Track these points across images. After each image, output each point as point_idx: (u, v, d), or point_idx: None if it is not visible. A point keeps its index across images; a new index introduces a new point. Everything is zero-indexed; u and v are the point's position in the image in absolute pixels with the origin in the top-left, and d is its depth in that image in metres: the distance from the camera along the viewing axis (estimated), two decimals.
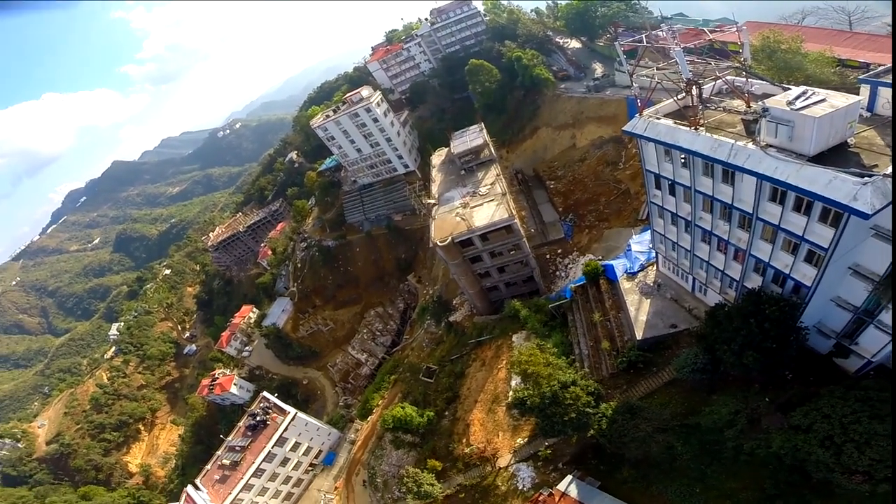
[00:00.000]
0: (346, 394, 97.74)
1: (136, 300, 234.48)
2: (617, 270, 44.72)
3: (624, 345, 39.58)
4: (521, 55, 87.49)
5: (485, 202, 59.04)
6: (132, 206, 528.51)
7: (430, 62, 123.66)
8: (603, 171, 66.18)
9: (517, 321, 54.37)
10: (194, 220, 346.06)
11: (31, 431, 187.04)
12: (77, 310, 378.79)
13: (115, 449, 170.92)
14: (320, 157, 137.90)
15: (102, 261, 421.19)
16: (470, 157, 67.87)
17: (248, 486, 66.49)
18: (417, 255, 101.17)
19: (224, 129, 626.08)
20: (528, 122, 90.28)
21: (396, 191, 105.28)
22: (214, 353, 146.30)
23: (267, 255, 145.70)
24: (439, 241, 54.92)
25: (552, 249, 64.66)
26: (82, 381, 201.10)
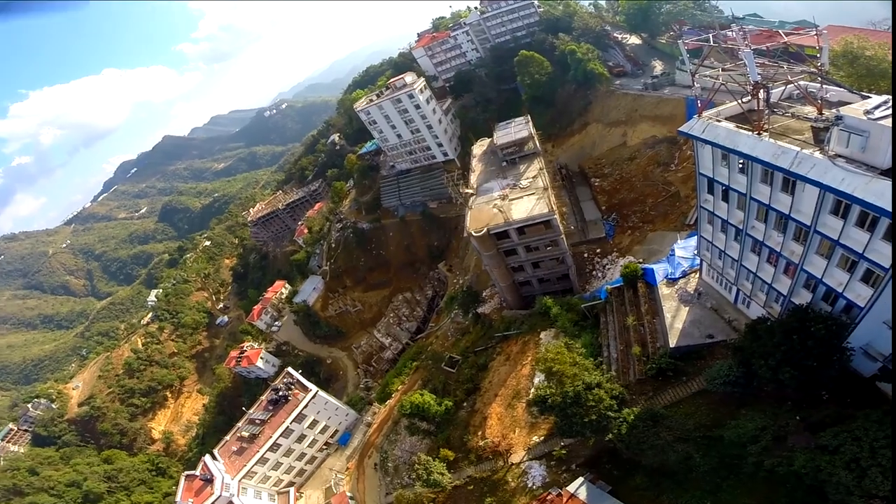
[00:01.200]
0: (367, 376, 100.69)
1: (176, 269, 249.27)
2: (657, 275, 44.11)
3: (655, 351, 39.36)
4: (575, 49, 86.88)
5: (525, 195, 59.22)
6: (179, 179, 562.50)
7: (477, 51, 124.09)
8: (653, 172, 64.87)
9: (547, 318, 54.51)
10: (236, 195, 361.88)
11: (66, 393, 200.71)
12: (120, 274, 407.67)
13: (141, 414, 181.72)
14: (361, 140, 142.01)
15: (147, 229, 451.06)
16: (513, 149, 68.06)
17: (264, 460, 69.48)
18: (450, 244, 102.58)
19: (271, 109, 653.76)
20: (578, 117, 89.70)
21: (434, 178, 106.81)
22: (245, 325, 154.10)
23: (303, 233, 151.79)
24: (474, 232, 55.71)
25: (591, 248, 64.14)
26: (118, 345, 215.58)
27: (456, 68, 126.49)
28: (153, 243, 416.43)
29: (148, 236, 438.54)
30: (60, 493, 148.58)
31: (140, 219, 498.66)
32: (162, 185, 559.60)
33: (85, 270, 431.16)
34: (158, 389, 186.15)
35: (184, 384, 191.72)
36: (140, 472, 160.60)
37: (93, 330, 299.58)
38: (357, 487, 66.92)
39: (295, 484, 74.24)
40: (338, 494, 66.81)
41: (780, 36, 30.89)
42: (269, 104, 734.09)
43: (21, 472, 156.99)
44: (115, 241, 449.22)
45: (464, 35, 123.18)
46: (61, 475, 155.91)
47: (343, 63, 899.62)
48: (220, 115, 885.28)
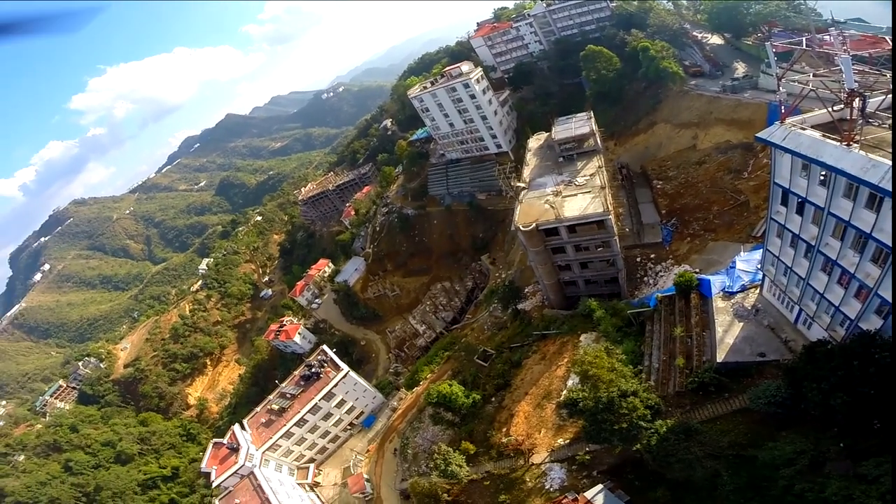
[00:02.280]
0: (397, 361, 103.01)
1: (228, 240, 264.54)
2: (713, 287, 42.99)
3: (700, 365, 38.65)
4: (648, 46, 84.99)
5: (579, 193, 58.37)
6: (237, 155, 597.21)
7: (540, 43, 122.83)
8: (722, 178, 61.98)
9: (590, 321, 53.95)
10: (290, 174, 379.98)
11: (114, 353, 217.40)
12: (176, 242, 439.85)
13: (180, 380, 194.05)
14: (413, 127, 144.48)
15: (204, 202, 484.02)
16: (572, 145, 67.21)
17: (289, 434, 72.62)
18: (496, 237, 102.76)
19: (328, 92, 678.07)
20: (645, 116, 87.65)
21: (484, 169, 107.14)
22: (287, 300, 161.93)
23: (350, 214, 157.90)
24: (522, 226, 55.66)
25: (645, 253, 62.33)
26: (168, 309, 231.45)
27: (516, 60, 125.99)
28: (209, 215, 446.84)
29: (204, 208, 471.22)
30: (95, 452, 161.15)
31: (198, 191, 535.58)
32: (221, 161, 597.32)
33: (144, 236, 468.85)
34: (199, 356, 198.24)
35: (223, 353, 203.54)
36: (172, 436, 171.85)
37: (146, 293, 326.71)
38: (374, 470, 69.03)
39: (315, 461, 77.22)
40: (355, 475, 69.24)
41: (885, 42, 29.21)
42: (327, 87, 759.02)
43: (63, 429, 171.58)
44: (174, 211, 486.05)
45: (527, 27, 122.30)
46: (99, 434, 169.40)
47: (400, 49, 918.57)
48: (279, 96, 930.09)
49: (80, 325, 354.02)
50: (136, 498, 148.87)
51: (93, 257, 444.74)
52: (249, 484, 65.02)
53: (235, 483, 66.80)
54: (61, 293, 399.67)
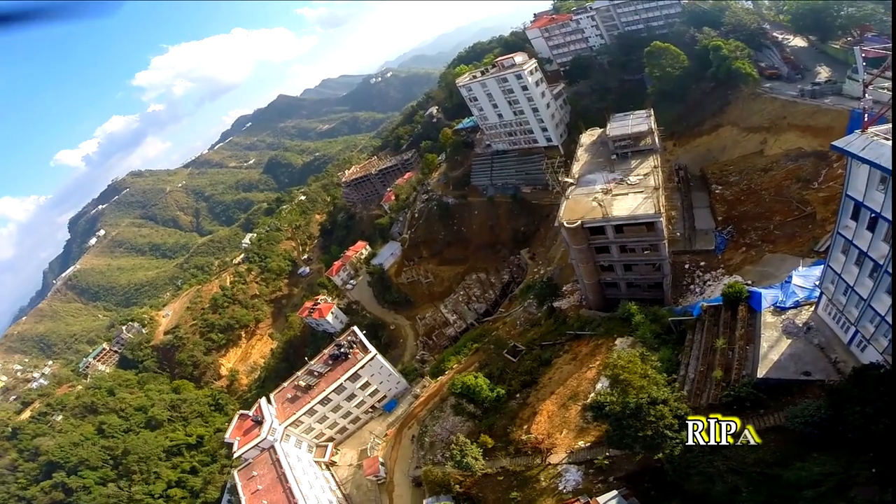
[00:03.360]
0: (425, 349, 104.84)
1: (271, 217, 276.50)
2: (764, 300, 41.52)
3: (738, 379, 37.70)
4: (720, 45, 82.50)
5: (631, 193, 57.21)
6: (286, 136, 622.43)
7: (601, 38, 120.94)
8: (789, 187, 58.96)
9: (627, 325, 53.12)
10: (335, 156, 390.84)
11: (156, 319, 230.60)
12: (223, 216, 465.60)
13: (215, 350, 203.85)
14: (459, 115, 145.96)
15: (252, 179, 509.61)
16: (627, 143, 65.86)
17: (312, 411, 75.33)
18: (538, 232, 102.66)
19: (376, 77, 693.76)
20: (710, 118, 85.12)
21: (532, 163, 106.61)
22: (323, 279, 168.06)
23: (390, 199, 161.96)
24: (567, 222, 55.27)
25: (694, 260, 60.35)
26: (210, 280, 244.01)
27: (574, 53, 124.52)
28: (255, 192, 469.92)
29: (252, 185, 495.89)
30: (128, 416, 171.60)
31: (247, 169, 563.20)
32: (271, 140, 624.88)
33: (193, 209, 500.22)
34: (235, 328, 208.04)
35: (258, 326, 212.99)
36: (201, 405, 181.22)
37: (191, 263, 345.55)
38: (390, 455, 70.80)
39: (334, 440, 79.83)
40: (371, 458, 71.19)
41: None
42: (376, 72, 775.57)
43: (101, 392, 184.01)
44: (223, 187, 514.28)
45: (588, 20, 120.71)
46: (133, 398, 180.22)
47: (450, 37, 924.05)
48: (330, 79, 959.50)
49: (127, 289, 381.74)
50: (160, 464, 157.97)
51: (144, 226, 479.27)
52: (269, 458, 67.93)
53: (255, 455, 70.05)
54: (113, 258, 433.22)
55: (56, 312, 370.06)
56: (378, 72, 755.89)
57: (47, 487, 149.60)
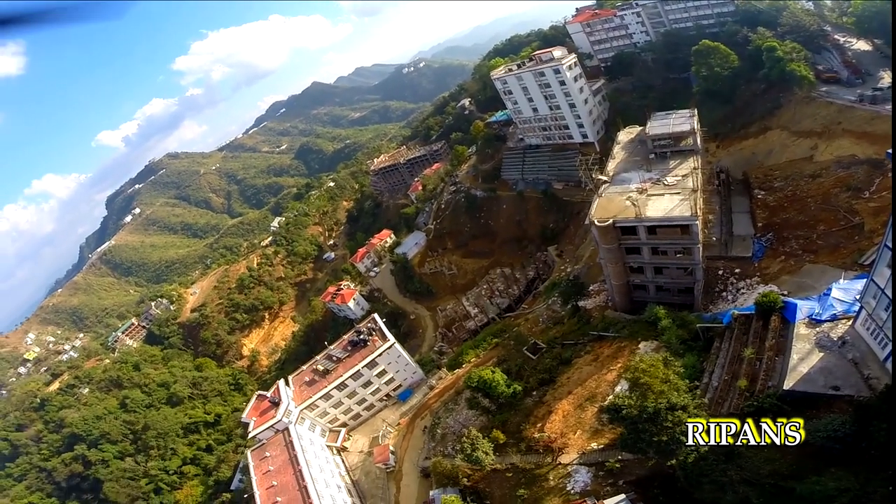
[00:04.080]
0: (443, 341, 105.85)
1: (300, 202, 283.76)
2: (799, 312, 40.54)
3: (763, 389, 37.20)
4: (775, 46, 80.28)
5: (667, 194, 56.16)
6: (318, 123, 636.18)
7: (647, 34, 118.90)
8: (837, 196, 56.70)
9: (653, 329, 52.55)
10: (365, 144, 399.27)
11: (184, 297, 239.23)
12: (253, 199, 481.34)
13: (239, 330, 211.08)
14: (492, 108, 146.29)
15: (283, 164, 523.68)
16: (666, 142, 64.60)
17: (328, 396, 76.94)
18: (567, 229, 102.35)
19: (409, 67, 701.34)
20: (758, 120, 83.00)
21: (565, 158, 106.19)
22: (347, 265, 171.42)
23: (417, 189, 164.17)
24: (598, 221, 54.75)
25: (729, 266, 58.78)
26: (237, 260, 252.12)
27: (616, 49, 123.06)
28: (286, 177, 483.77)
29: (283, 170, 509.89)
30: (150, 392, 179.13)
31: (279, 154, 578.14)
32: (303, 127, 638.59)
33: (225, 191, 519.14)
34: (259, 309, 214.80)
35: (281, 308, 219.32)
36: (221, 383, 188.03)
37: (220, 243, 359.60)
38: (401, 444, 71.94)
39: (347, 426, 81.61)
40: (382, 445, 72.48)
41: None
42: (408, 61, 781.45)
43: (127, 367, 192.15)
44: (255, 171, 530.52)
45: (633, 16, 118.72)
46: (157, 374, 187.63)
47: (486, 29, 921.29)
48: (363, 67, 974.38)
49: (158, 266, 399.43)
50: (178, 440, 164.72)
51: (178, 206, 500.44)
52: (282, 439, 69.74)
53: (270, 437, 72.04)
54: (146, 235, 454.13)
55: (90, 286, 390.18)
56: (411, 61, 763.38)
57: (68, 459, 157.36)
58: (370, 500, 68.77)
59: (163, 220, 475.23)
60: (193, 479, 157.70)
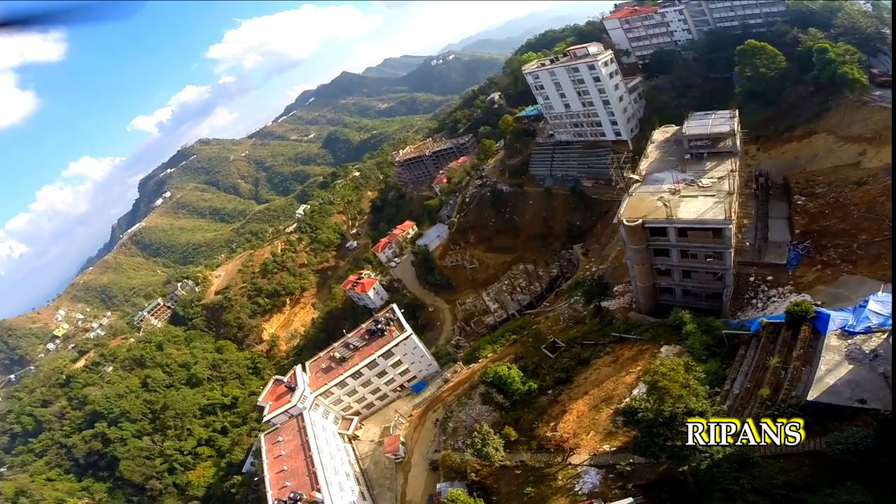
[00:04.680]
0: (461, 334, 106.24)
1: (325, 191, 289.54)
2: (832, 323, 39.29)
3: (786, 399, 36.56)
4: (827, 47, 77.88)
5: (701, 195, 55.04)
6: (346, 112, 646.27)
7: (689, 32, 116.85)
8: (883, 205, 54.47)
9: (676, 333, 51.84)
10: (391, 135, 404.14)
11: (209, 279, 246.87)
12: (280, 186, 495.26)
13: (260, 314, 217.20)
14: (522, 103, 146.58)
15: (310, 152, 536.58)
16: (704, 143, 63.32)
17: (343, 384, 78.35)
18: (594, 227, 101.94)
19: (437, 59, 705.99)
20: (804, 123, 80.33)
21: (597, 156, 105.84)
22: (369, 254, 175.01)
23: (442, 182, 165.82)
24: (627, 220, 54.17)
25: (761, 273, 57.26)
26: (262, 245, 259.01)
27: (656, 46, 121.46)
28: (312, 165, 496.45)
29: (310, 158, 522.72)
30: (171, 372, 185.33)
31: (307, 142, 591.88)
32: (331, 116, 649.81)
33: (253, 178, 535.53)
34: (281, 294, 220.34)
35: (303, 295, 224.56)
36: (240, 366, 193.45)
37: (246, 228, 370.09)
38: (412, 435, 73.00)
39: (360, 415, 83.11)
40: (392, 436, 73.63)
41: None
42: (437, 53, 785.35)
43: (150, 346, 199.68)
44: (283, 158, 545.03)
45: (675, 13, 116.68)
46: (179, 354, 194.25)
47: (520, 23, 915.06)
48: (391, 58, 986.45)
49: (185, 248, 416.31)
50: (195, 421, 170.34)
51: (207, 191, 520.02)
52: (296, 424, 71.49)
53: (284, 421, 74.04)
54: (175, 218, 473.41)
55: (119, 265, 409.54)
56: (440, 54, 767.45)
57: (88, 437, 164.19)
58: (377, 489, 69.93)
59: (192, 203, 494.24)
60: (207, 461, 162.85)
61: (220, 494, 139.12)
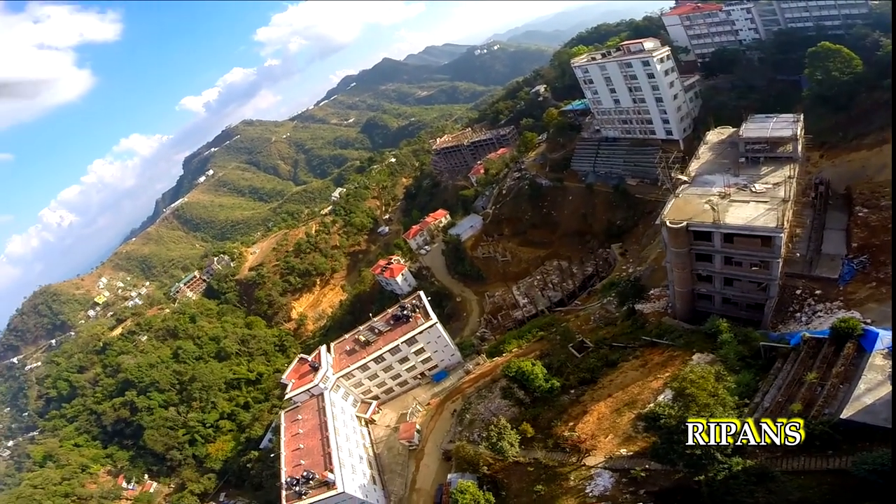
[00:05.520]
0: (487, 327, 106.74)
1: (362, 175, 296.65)
2: (880, 342, 38.12)
3: (818, 415, 36.03)
4: None
5: (752, 201, 53.31)
6: (386, 98, 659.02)
7: (756, 32, 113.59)
8: None
9: (710, 341, 50.81)
10: (429, 123, 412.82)
11: (244, 255, 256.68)
12: (318, 169, 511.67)
13: (290, 293, 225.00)
14: (568, 97, 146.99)
15: (349, 137, 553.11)
16: (762, 147, 61.33)
17: (365, 367, 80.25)
18: (635, 228, 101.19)
19: (482, 48, 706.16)
20: (876, 131, 75.76)
21: (644, 154, 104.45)
22: (399, 240, 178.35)
23: (479, 172, 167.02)
24: (670, 222, 53.17)
25: (809, 287, 54.83)
26: (297, 226, 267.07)
27: (718, 45, 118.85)
28: (350, 150, 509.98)
29: (348, 143, 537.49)
30: (202, 344, 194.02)
31: (346, 127, 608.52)
32: (371, 102, 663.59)
33: (293, 159, 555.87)
34: (312, 274, 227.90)
35: (333, 276, 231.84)
36: (268, 343, 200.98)
37: (283, 208, 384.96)
38: (428, 424, 74.19)
39: (379, 399, 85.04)
40: (409, 423, 75.02)
41: None
42: (482, 43, 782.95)
43: (184, 318, 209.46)
44: (322, 141, 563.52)
45: (743, 12, 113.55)
46: (210, 328, 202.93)
47: (571, 16, 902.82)
48: (434, 46, 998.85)
49: (224, 224, 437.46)
50: (219, 395, 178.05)
51: (248, 170, 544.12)
52: (316, 404, 73.82)
53: (304, 400, 76.53)
54: (216, 195, 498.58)
55: (161, 237, 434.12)
56: (484, 43, 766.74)
57: (117, 404, 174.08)
58: (388, 474, 71.63)
59: (233, 182, 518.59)
60: (227, 435, 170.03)
61: (236, 469, 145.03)
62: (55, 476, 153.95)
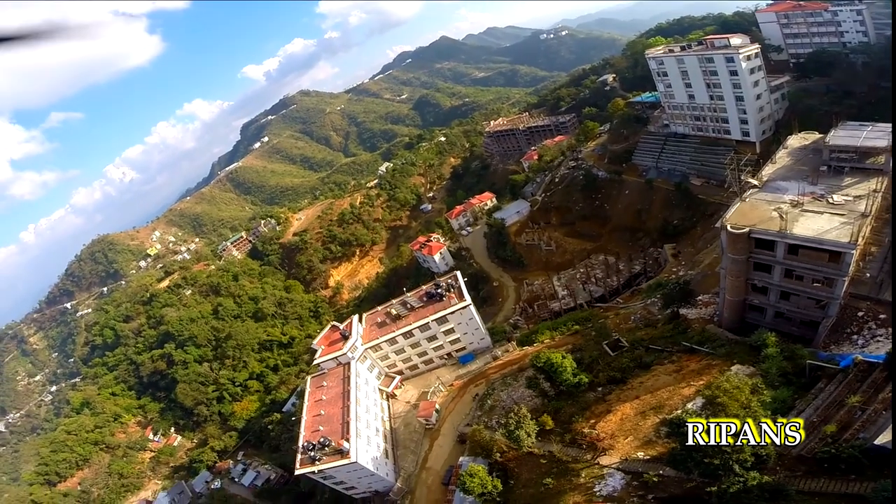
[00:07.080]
0: (521, 315, 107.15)
1: (410, 152, 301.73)
2: None
3: (849, 439, 35.51)
4: None
5: (827, 212, 50.67)
6: (440, 77, 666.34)
7: (864, 34, 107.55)
8: None
9: (754, 354, 49.55)
10: (484, 105, 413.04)
11: (290, 220, 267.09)
12: (368, 143, 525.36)
13: (330, 260, 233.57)
14: (638, 88, 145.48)
15: (401, 113, 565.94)
16: (849, 156, 57.90)
17: (394, 341, 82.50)
18: (692, 230, 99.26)
19: (548, 33, 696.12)
20: None
21: (714, 153, 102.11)
22: (441, 219, 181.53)
23: (532, 158, 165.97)
24: (731, 226, 51.64)
25: (874, 310, 51.57)
26: (343, 196, 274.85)
27: (816, 46, 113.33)
28: (401, 125, 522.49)
29: (399, 119, 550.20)
30: (241, 303, 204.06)
31: (399, 103, 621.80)
32: (425, 79, 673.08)
33: (345, 132, 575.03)
34: (353, 245, 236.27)
35: (372, 248, 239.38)
36: (303, 308, 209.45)
37: (331, 178, 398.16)
38: (448, 405, 75.88)
39: (403, 375, 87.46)
40: (429, 401, 76.96)
41: None
42: (549, 27, 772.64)
43: (227, 276, 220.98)
44: (374, 116, 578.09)
45: (852, 13, 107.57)
46: (251, 287, 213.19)
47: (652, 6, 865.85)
48: (495, 28, 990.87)
49: (274, 190, 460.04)
50: (252, 355, 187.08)
51: (301, 139, 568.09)
52: (342, 372, 76.81)
53: (331, 367, 79.85)
54: (269, 162, 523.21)
55: (213, 198, 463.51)
56: (552, 28, 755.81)
57: (156, 356, 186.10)
58: (401, 450, 74.06)
59: (286, 150, 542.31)
60: (254, 395, 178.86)
61: (258, 429, 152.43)
62: (89, 423, 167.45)
